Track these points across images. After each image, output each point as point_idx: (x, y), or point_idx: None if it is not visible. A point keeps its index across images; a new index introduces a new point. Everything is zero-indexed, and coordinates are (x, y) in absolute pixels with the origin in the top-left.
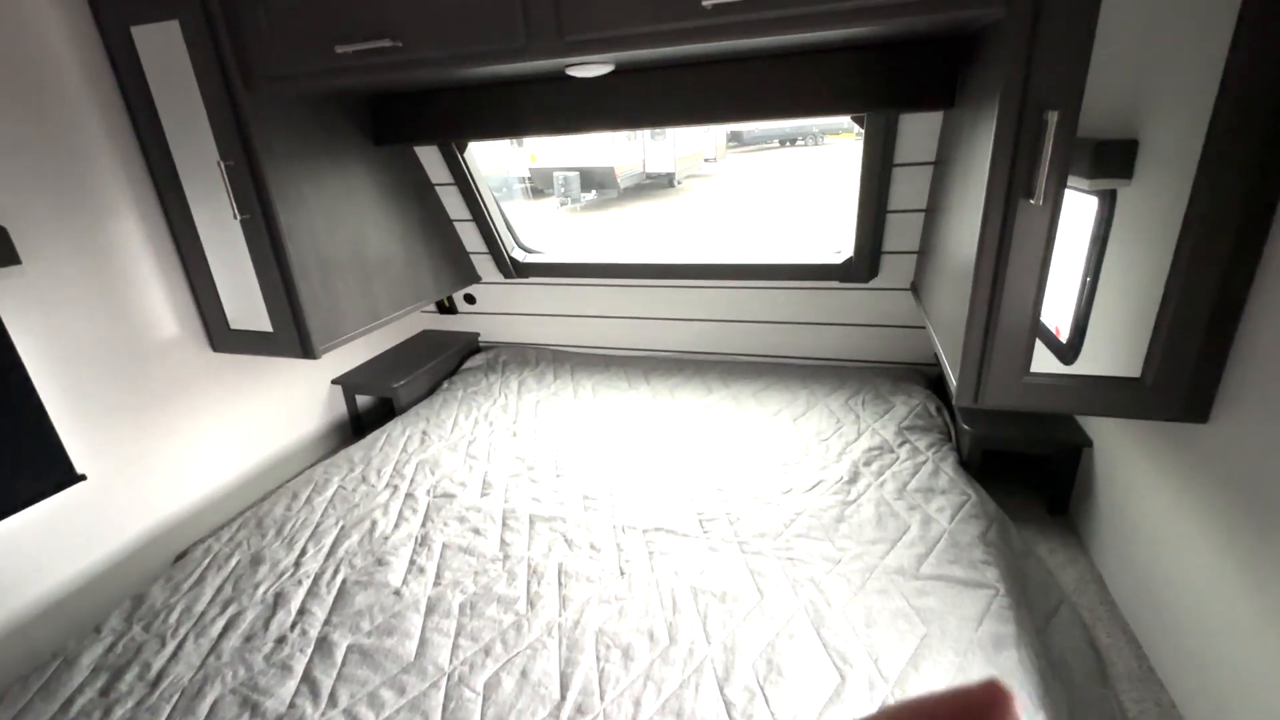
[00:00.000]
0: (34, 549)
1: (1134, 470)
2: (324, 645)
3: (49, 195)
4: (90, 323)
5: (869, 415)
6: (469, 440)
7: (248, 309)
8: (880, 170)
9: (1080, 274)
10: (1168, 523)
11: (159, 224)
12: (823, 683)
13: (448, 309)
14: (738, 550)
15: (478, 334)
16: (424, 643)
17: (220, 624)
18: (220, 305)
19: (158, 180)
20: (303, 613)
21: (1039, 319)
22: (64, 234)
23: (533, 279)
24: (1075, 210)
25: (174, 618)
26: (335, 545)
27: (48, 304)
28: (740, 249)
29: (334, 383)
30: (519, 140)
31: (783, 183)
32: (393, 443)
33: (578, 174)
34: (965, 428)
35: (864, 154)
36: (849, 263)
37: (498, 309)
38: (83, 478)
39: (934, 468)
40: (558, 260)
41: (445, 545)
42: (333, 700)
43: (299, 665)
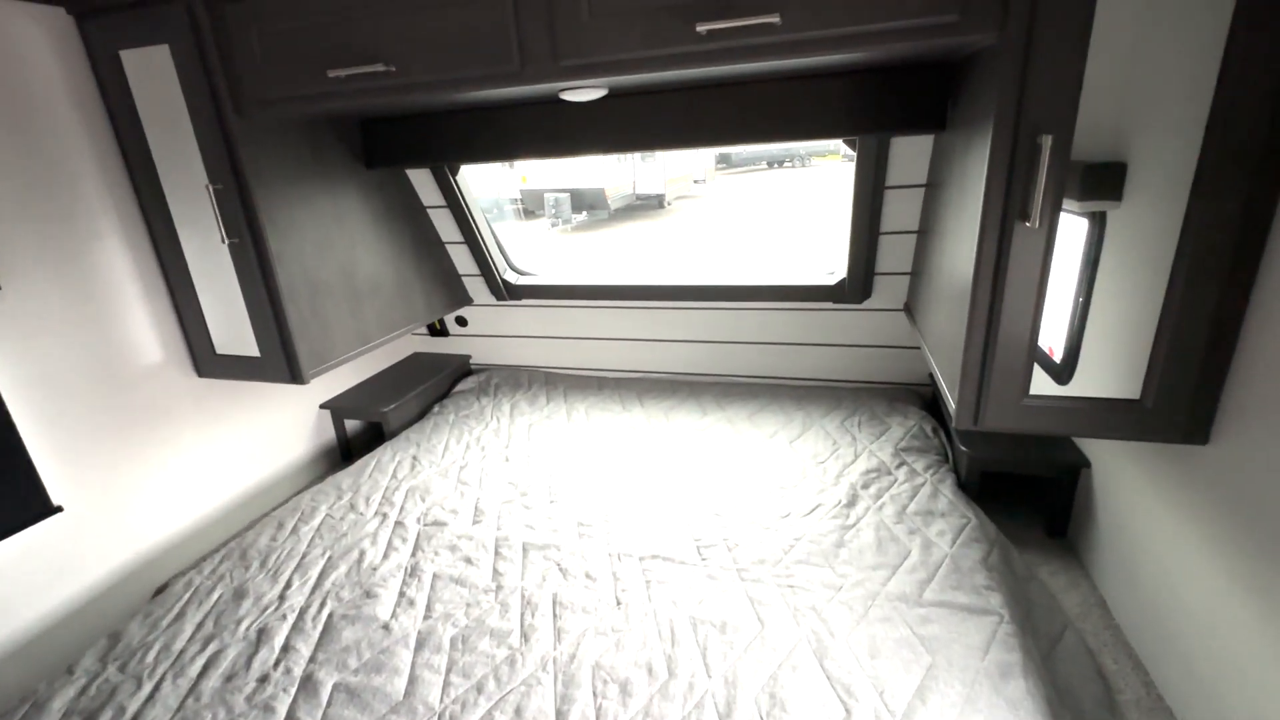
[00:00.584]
0: (3, 586)
1: (1134, 492)
2: (309, 684)
3: (31, 219)
4: (71, 349)
5: (865, 437)
6: (460, 465)
7: (234, 333)
8: (872, 193)
9: (1073, 295)
10: (1171, 546)
11: (144, 248)
12: (827, 717)
13: (439, 331)
14: (737, 578)
15: (469, 356)
16: (413, 680)
17: (200, 663)
18: (206, 330)
19: (144, 204)
20: (287, 649)
21: (1037, 341)
22: (46, 259)
23: (525, 301)
24: (1066, 232)
25: (151, 656)
26: (322, 577)
27: (27, 330)
28: (733, 270)
29: (322, 407)
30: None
31: (771, 204)
32: (382, 469)
33: (568, 195)
34: (963, 449)
35: (856, 177)
36: (842, 284)
37: (489, 331)
38: (59, 509)
39: (932, 490)
40: (550, 282)
41: (436, 576)
42: None
43: (282, 706)
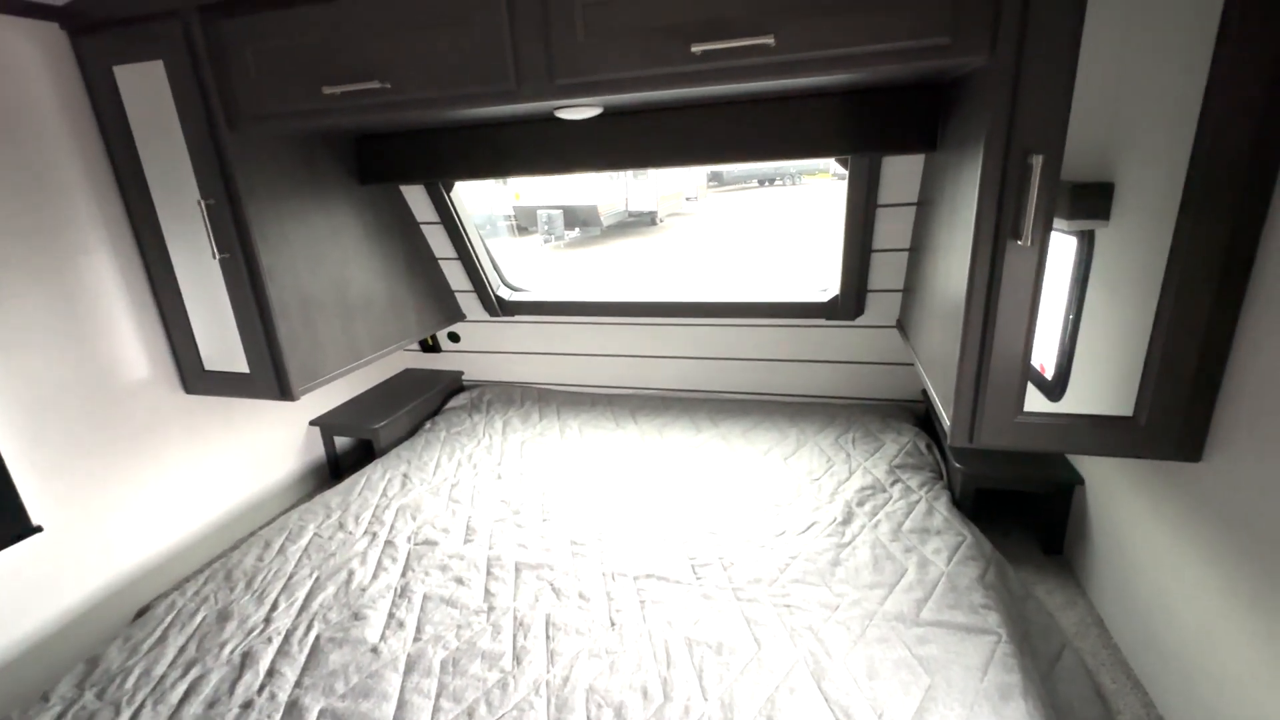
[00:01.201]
0: None
1: (1129, 509)
2: (294, 710)
3: (18, 233)
4: (56, 364)
5: (859, 453)
6: (452, 483)
7: (223, 349)
8: (864, 211)
9: (1063, 312)
10: (1167, 564)
11: (133, 263)
12: None
13: (431, 347)
14: (732, 597)
15: (461, 373)
16: (402, 705)
17: (181, 689)
18: (195, 346)
19: (134, 218)
20: (272, 674)
21: (1030, 358)
22: (32, 273)
23: (518, 317)
24: (1056, 250)
25: (131, 682)
26: (309, 598)
27: (10, 345)
28: (726, 287)
29: (312, 424)
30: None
31: (762, 221)
32: (372, 486)
33: (561, 212)
34: (957, 466)
35: (848, 195)
36: (835, 301)
37: (482, 347)
38: (39, 529)
39: (927, 507)
40: (544, 298)
41: (426, 596)
42: None
43: None
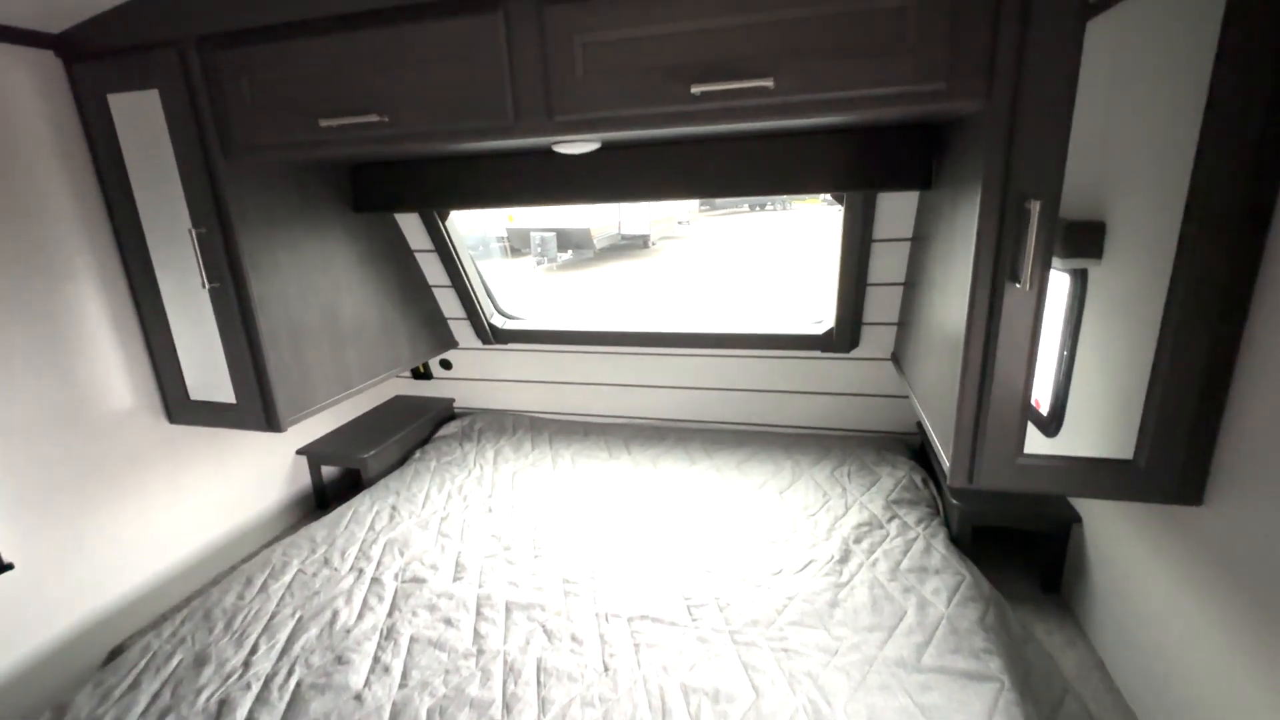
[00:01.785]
0: None
1: (1128, 550)
2: None
3: (2, 258)
4: (35, 393)
5: (855, 488)
6: (441, 516)
7: (210, 379)
8: (860, 245)
9: (1057, 348)
10: (1169, 607)
11: (120, 291)
12: None
13: (422, 374)
14: (729, 641)
15: (453, 400)
16: None
17: None
18: (180, 375)
19: (123, 246)
20: None
21: (1030, 400)
22: (14, 298)
23: (511, 345)
24: (1049, 287)
25: None
26: (291, 640)
27: None
28: (721, 317)
29: (299, 453)
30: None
31: (753, 246)
32: (359, 519)
33: (554, 234)
34: (954, 503)
35: (843, 230)
36: (830, 333)
37: (474, 374)
38: (9, 566)
39: (925, 545)
40: (538, 327)
41: (414, 639)
42: None
43: None
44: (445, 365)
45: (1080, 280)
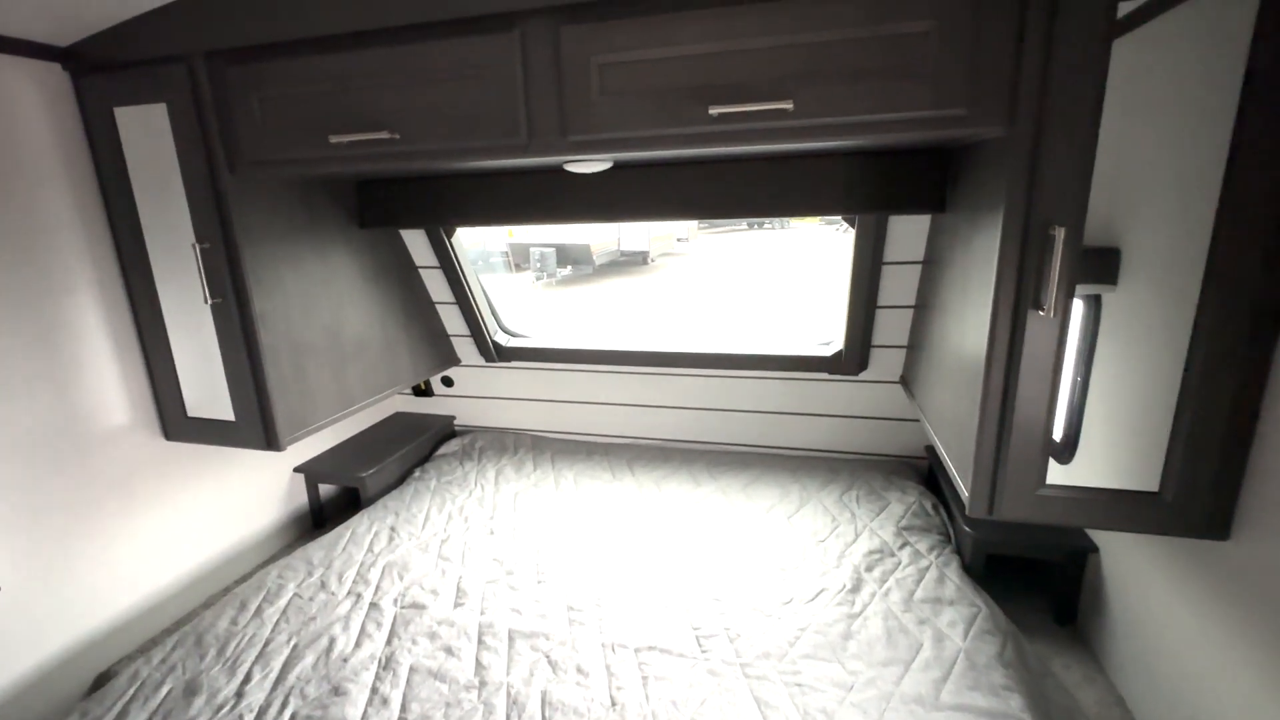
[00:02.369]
0: None
1: (1150, 584)
2: None
3: (1, 270)
4: (29, 408)
5: (865, 513)
6: (442, 539)
7: (209, 395)
8: (871, 268)
9: (1070, 374)
10: (1193, 643)
11: (120, 304)
12: None
13: (423, 391)
14: (740, 674)
15: (453, 417)
16: None
17: None
18: (179, 391)
19: (124, 260)
20: None
21: (1053, 430)
22: (10, 311)
23: (514, 362)
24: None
25: None
26: (286, 669)
27: None
28: (726, 336)
29: (296, 470)
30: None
31: (751, 264)
32: (357, 541)
33: (554, 250)
34: (967, 531)
35: (854, 252)
36: (839, 355)
37: (476, 392)
38: None
39: (938, 574)
40: (542, 345)
41: (413, 669)
42: None
43: None
44: (447, 382)
45: (1095, 306)
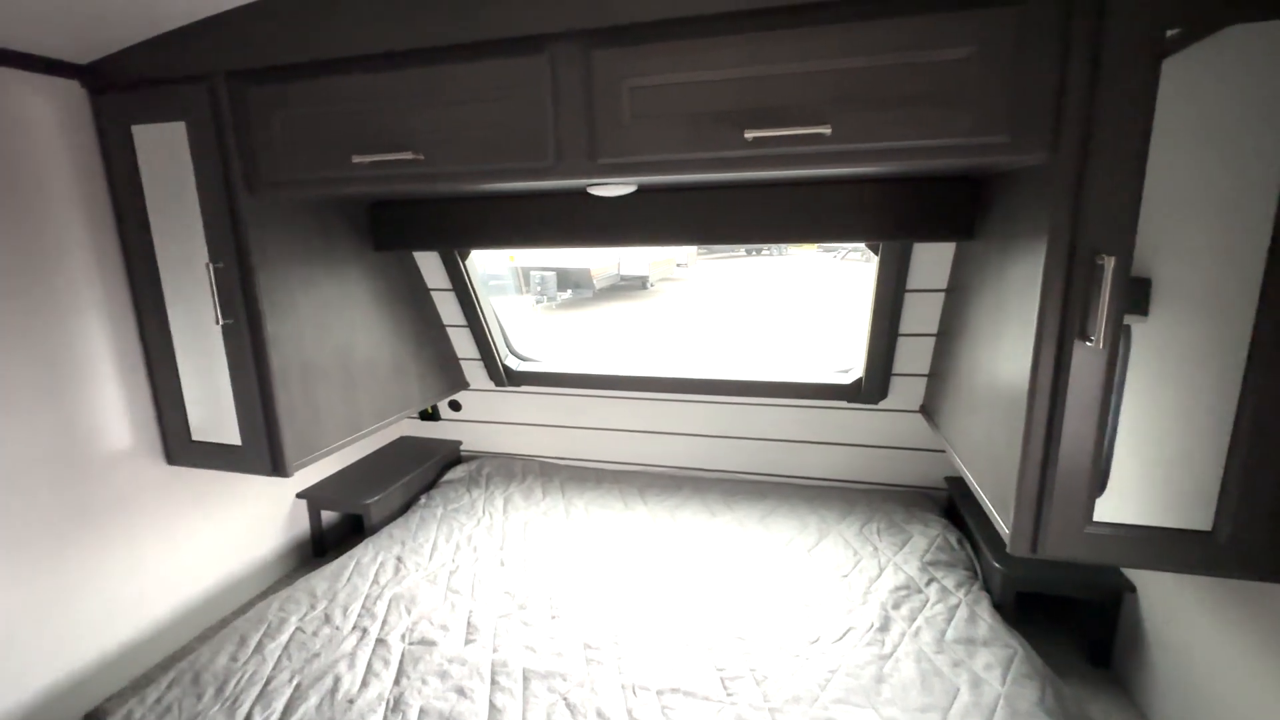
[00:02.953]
0: None
1: (1195, 627)
2: None
3: (8, 294)
4: (31, 431)
5: (887, 547)
6: (450, 570)
7: (215, 419)
8: (893, 295)
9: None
10: (1246, 692)
11: (127, 324)
12: None
13: (430, 415)
14: None
15: (460, 442)
16: None
17: None
18: (184, 414)
19: (134, 279)
20: None
21: (1101, 465)
22: (17, 332)
23: (523, 387)
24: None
25: None
26: (288, 711)
27: None
28: (740, 363)
29: (299, 496)
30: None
31: (750, 289)
32: (362, 572)
33: (554, 274)
34: (996, 566)
35: (877, 279)
36: (859, 384)
37: (483, 416)
38: None
39: (969, 613)
40: (553, 370)
41: (423, 711)
42: None
43: None
44: (454, 406)
45: (1124, 336)
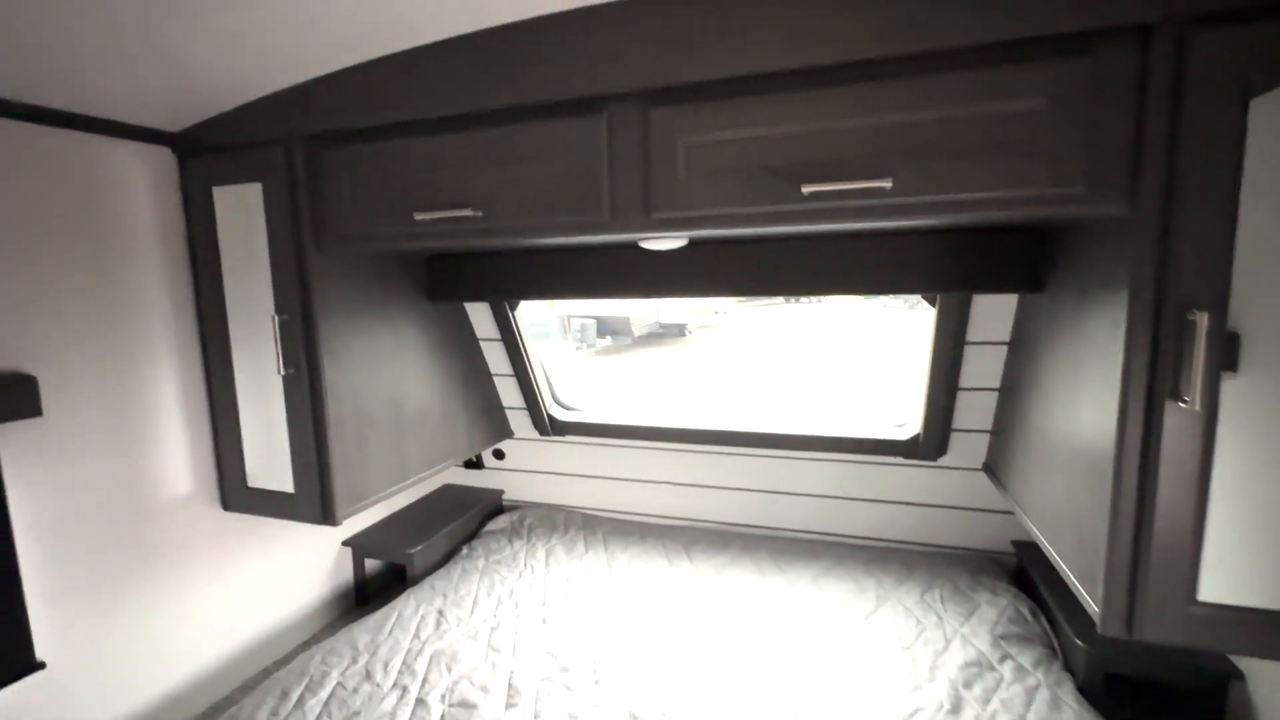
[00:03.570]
0: None
1: None
2: None
3: (90, 341)
4: (97, 479)
5: (953, 617)
6: (492, 626)
7: (270, 466)
8: (953, 348)
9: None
10: None
11: (195, 374)
12: None
13: (474, 464)
14: None
15: (502, 491)
16: None
17: None
18: (242, 461)
19: (205, 330)
20: None
21: (1203, 536)
22: (94, 381)
23: (567, 437)
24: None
25: None
26: None
27: (57, 457)
28: (790, 415)
29: (344, 544)
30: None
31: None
32: (403, 625)
33: (595, 321)
34: (1080, 644)
35: (935, 331)
36: (916, 439)
37: (526, 466)
38: (41, 665)
39: (1051, 696)
40: (597, 420)
41: None
42: None
43: None
44: (498, 455)
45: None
